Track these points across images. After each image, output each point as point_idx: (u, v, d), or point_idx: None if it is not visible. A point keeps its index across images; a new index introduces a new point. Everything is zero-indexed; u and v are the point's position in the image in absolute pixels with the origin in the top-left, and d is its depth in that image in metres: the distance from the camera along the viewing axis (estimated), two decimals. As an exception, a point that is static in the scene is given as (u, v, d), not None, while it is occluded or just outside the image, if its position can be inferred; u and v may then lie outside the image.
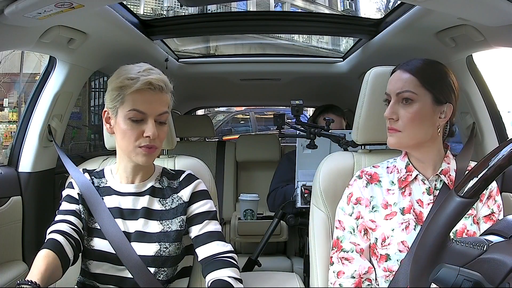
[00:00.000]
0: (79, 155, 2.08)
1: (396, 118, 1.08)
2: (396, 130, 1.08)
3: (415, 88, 1.06)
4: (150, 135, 1.10)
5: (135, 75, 1.10)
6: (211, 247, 1.15)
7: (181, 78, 2.47)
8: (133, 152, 1.12)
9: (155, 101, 1.12)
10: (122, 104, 1.11)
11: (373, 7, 9.10)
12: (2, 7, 1.08)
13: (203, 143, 3.14)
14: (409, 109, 1.06)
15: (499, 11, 1.10)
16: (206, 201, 1.21)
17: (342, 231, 1.15)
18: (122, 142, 1.13)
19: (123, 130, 1.11)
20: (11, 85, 6.63)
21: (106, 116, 1.16)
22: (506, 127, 1.54)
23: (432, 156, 1.11)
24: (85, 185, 1.20)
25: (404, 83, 1.07)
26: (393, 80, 1.10)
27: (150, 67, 1.14)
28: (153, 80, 1.10)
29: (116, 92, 1.11)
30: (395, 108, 1.08)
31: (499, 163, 0.62)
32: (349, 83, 2.46)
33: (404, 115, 1.07)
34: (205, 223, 1.18)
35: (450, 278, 0.63)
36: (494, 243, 0.66)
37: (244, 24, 1.95)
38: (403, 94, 1.07)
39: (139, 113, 1.10)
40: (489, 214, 1.09)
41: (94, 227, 1.16)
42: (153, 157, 1.16)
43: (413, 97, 1.06)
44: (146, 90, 1.10)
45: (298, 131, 1.77)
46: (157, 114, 1.12)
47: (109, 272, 1.14)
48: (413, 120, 1.06)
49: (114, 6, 1.45)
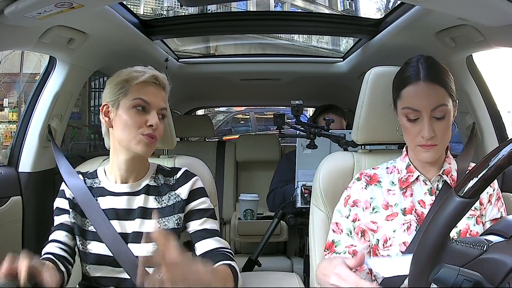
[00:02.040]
0: (79, 155, 2.08)
1: (434, 135, 1.04)
2: (433, 145, 1.04)
3: (446, 100, 1.04)
4: (153, 123, 1.12)
5: (141, 69, 1.15)
6: (210, 242, 1.15)
7: (181, 78, 2.47)
8: (134, 140, 1.12)
9: (158, 95, 1.16)
10: (125, 95, 1.13)
11: (373, 7, 9.11)
12: (2, 7, 1.08)
13: (203, 143, 3.14)
14: (443, 122, 1.04)
15: (499, 11, 1.10)
16: (204, 199, 1.21)
17: (339, 234, 1.14)
18: (123, 132, 1.13)
19: (125, 120, 1.12)
20: (11, 85, 6.64)
21: (105, 110, 1.17)
22: (506, 127, 1.54)
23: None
24: (78, 188, 1.19)
25: (438, 98, 1.03)
26: (422, 94, 1.03)
27: (153, 68, 1.19)
28: (159, 75, 1.16)
29: (120, 85, 1.14)
30: (431, 124, 1.03)
31: (499, 163, 0.62)
32: (349, 83, 2.46)
33: (440, 128, 1.03)
34: (204, 220, 1.18)
35: (450, 278, 0.63)
36: (494, 243, 0.67)
37: (244, 24, 1.95)
38: (439, 109, 1.03)
39: (144, 102, 1.13)
40: (500, 217, 1.09)
41: (90, 230, 1.15)
42: (152, 149, 1.16)
43: (447, 109, 1.04)
44: (151, 84, 1.15)
45: (298, 131, 1.77)
46: (159, 108, 1.15)
47: (109, 275, 1.14)
48: (446, 130, 1.05)
49: (114, 6, 1.45)
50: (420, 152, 1.06)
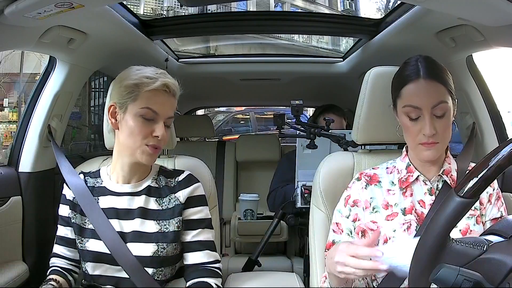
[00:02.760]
0: (79, 155, 2.08)
1: (435, 132, 1.04)
2: (435, 143, 1.04)
3: (447, 97, 1.04)
4: (159, 135, 1.11)
5: (153, 75, 1.12)
6: (199, 256, 1.18)
7: (181, 78, 2.45)
8: (139, 150, 1.12)
9: (167, 104, 1.14)
10: (134, 101, 1.11)
11: (373, 7, 9.11)
12: (2, 7, 1.08)
13: (203, 143, 3.14)
14: (444, 119, 1.04)
15: (499, 11, 1.09)
16: (202, 208, 1.21)
17: (339, 234, 1.14)
18: (128, 139, 1.13)
19: (132, 127, 1.11)
20: (11, 85, 6.64)
21: (112, 111, 1.15)
22: (506, 127, 1.54)
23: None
24: (79, 187, 1.20)
25: (438, 95, 1.03)
26: (422, 92, 1.03)
27: (165, 72, 1.17)
28: (170, 83, 1.13)
29: (129, 89, 1.11)
30: (432, 122, 1.03)
31: (499, 163, 0.62)
32: (349, 83, 2.46)
33: (441, 126, 1.03)
34: (199, 232, 1.19)
35: (450, 278, 0.63)
36: (494, 243, 0.66)
37: (244, 24, 1.95)
38: (439, 106, 1.03)
39: (152, 112, 1.11)
40: (500, 217, 1.09)
41: (89, 228, 1.16)
42: (155, 158, 1.16)
43: (447, 107, 1.04)
44: (161, 92, 1.12)
45: (298, 131, 1.77)
46: (167, 117, 1.14)
47: (107, 273, 1.14)
48: (447, 128, 1.05)
49: (114, 6, 1.45)
50: (422, 151, 1.06)
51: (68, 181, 1.23)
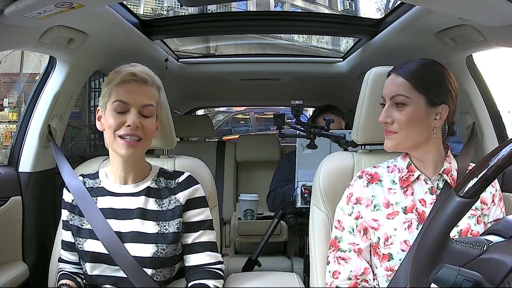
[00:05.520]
0: (79, 155, 2.08)
1: (391, 122, 1.09)
2: (392, 132, 1.10)
3: (408, 92, 1.07)
4: (130, 123, 1.10)
5: (121, 69, 1.14)
6: (201, 257, 1.18)
7: (181, 78, 2.47)
8: (115, 143, 1.12)
9: (138, 92, 1.13)
10: (109, 98, 1.13)
11: (373, 7, 9.09)
12: (2, 7, 1.08)
13: (203, 143, 3.14)
14: (403, 112, 1.08)
15: (499, 11, 1.10)
16: (202, 210, 1.21)
17: (341, 231, 1.14)
18: (106, 135, 1.14)
19: (107, 123, 1.13)
20: (11, 85, 6.63)
21: (99, 115, 1.18)
22: (506, 127, 1.54)
23: (432, 156, 1.11)
24: (77, 187, 1.21)
25: (398, 87, 1.08)
26: (388, 84, 1.12)
27: (137, 64, 1.17)
28: (136, 71, 1.13)
29: (105, 88, 1.14)
30: (389, 111, 1.10)
31: (499, 163, 0.62)
32: (349, 83, 2.46)
33: (399, 117, 1.08)
34: (200, 234, 1.19)
35: (450, 278, 0.63)
36: (494, 243, 0.67)
37: (244, 24, 1.95)
38: (396, 98, 1.08)
39: (123, 103, 1.11)
40: (502, 218, 1.09)
41: (87, 228, 1.16)
42: (138, 150, 1.13)
43: (406, 101, 1.07)
44: (129, 81, 1.12)
45: (298, 131, 1.77)
46: (141, 105, 1.12)
47: (106, 273, 1.15)
48: (407, 122, 1.07)
49: (114, 6, 1.45)
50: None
51: (67, 182, 1.24)
